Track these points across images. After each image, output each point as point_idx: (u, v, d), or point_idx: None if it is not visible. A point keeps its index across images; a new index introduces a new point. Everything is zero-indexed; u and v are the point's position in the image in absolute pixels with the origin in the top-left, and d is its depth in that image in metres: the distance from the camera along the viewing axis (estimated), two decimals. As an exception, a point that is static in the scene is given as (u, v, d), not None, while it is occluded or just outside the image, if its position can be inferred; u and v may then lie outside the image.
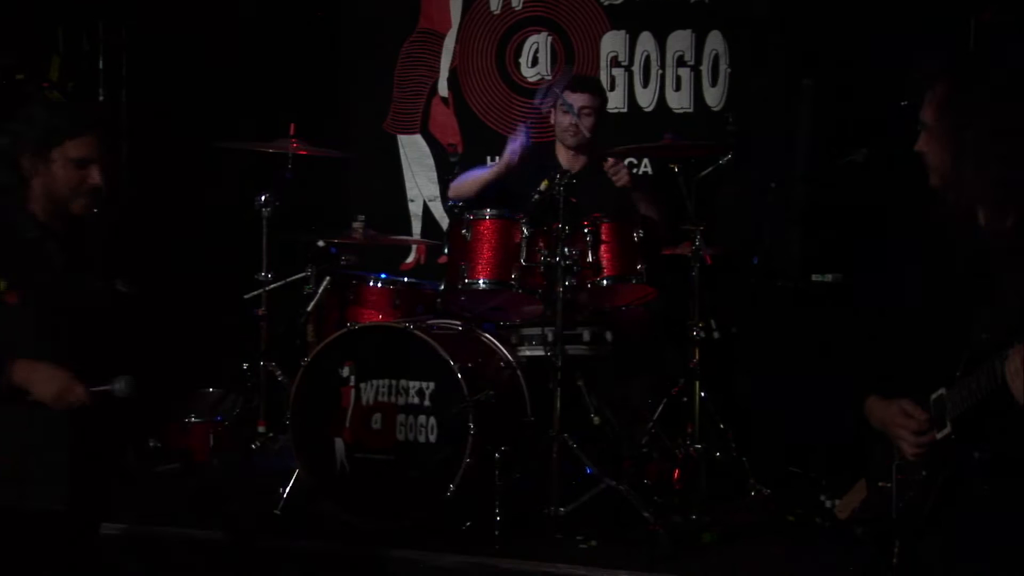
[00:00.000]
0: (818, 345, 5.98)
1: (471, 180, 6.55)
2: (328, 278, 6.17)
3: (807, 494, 5.67)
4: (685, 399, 5.86)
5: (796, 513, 5.55)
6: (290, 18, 7.65)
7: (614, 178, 6.19)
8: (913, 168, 3.38)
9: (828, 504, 5.26)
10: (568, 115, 6.38)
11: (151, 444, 6.54)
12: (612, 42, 7.60)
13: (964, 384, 3.00)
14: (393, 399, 5.37)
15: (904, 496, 3.23)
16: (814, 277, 6.40)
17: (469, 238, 5.71)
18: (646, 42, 7.55)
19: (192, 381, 6.98)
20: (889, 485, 3.29)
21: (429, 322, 5.86)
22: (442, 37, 7.87)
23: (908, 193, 3.48)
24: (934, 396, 3.12)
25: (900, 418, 3.21)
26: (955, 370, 3.04)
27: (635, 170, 7.47)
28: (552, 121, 6.55)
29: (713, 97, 7.46)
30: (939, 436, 3.10)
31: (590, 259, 5.67)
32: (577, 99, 6.39)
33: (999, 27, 5.93)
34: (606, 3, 7.59)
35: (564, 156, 6.49)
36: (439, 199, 7.78)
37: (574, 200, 5.63)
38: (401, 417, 5.36)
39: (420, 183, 7.90)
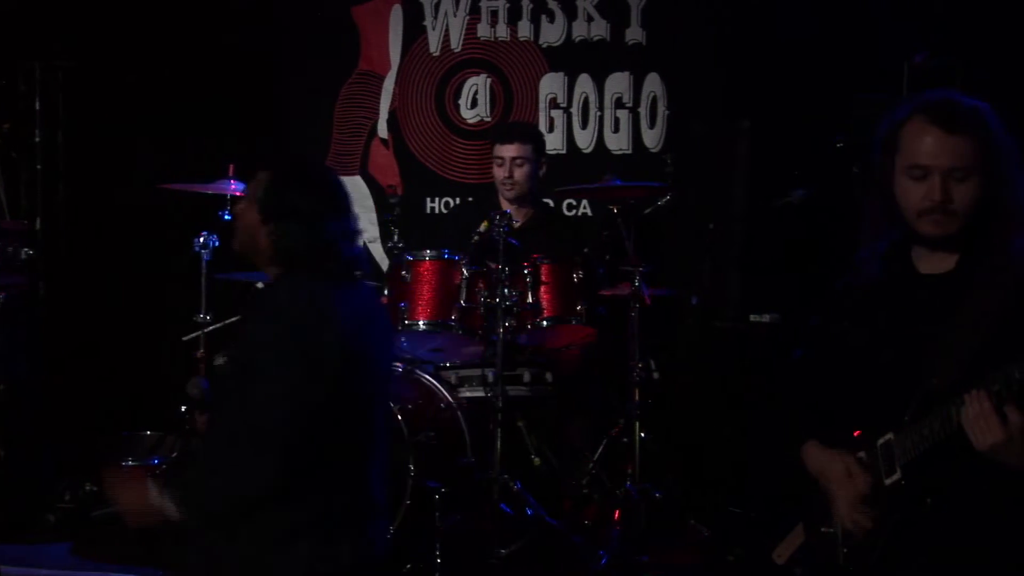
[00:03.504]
0: (756, 385, 6.02)
1: None
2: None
3: (747, 534, 5.69)
4: (625, 439, 5.87)
5: (736, 553, 5.57)
6: (229, 58, 7.62)
7: None
8: (851, 209, 3.40)
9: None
10: (501, 168, 6.36)
11: (87, 488, 6.47)
12: (551, 84, 7.64)
13: (914, 430, 2.98)
14: (333, 441, 5.33)
15: (850, 542, 3.21)
16: (752, 317, 6.44)
17: (409, 279, 5.71)
18: (584, 84, 7.59)
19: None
20: (831, 531, 3.28)
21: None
22: (381, 79, 7.87)
23: (847, 234, 3.49)
24: (881, 441, 3.09)
25: (841, 477, 3.19)
26: (903, 415, 3.03)
27: (575, 212, 7.50)
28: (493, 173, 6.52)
29: (651, 138, 7.51)
30: (888, 482, 3.08)
31: (530, 300, 5.68)
32: (508, 150, 6.36)
33: (931, 71, 6.01)
34: (544, 45, 7.63)
35: (507, 207, 6.41)
36: (379, 241, 7.76)
37: (514, 241, 5.64)
38: (341, 459, 5.33)
39: (360, 224, 7.87)
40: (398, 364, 5.85)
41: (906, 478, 3.03)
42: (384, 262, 7.59)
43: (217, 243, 6.11)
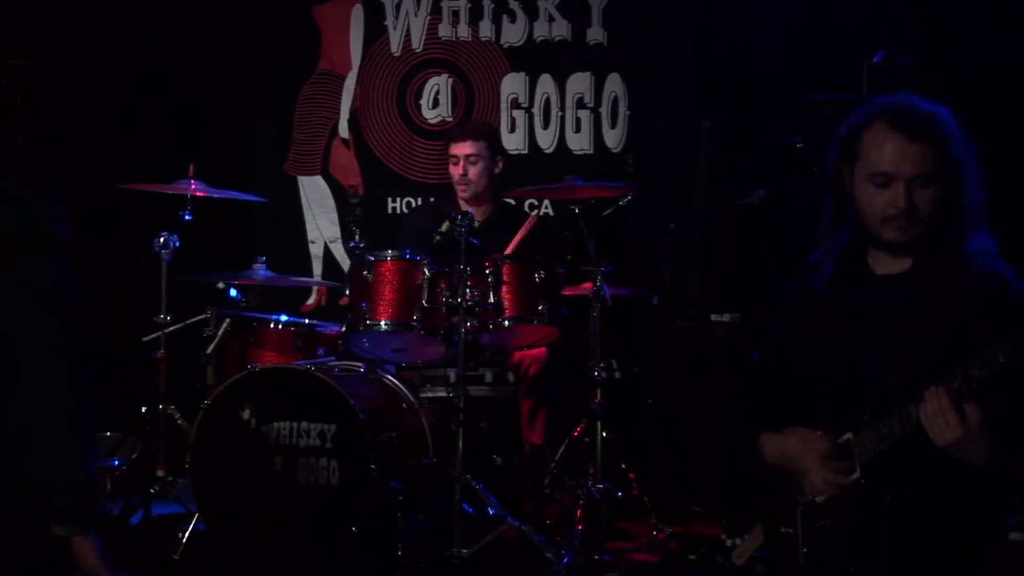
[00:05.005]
0: (717, 384, 6.03)
1: None
2: (228, 320, 6.11)
3: (708, 534, 5.70)
4: (587, 439, 5.87)
5: (698, 552, 5.58)
6: (190, 57, 7.60)
7: None
8: (811, 210, 3.41)
9: (729, 543, 5.29)
10: (456, 167, 6.38)
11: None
12: (512, 84, 7.65)
13: (874, 429, 3.00)
14: (294, 441, 5.32)
15: (810, 542, 3.23)
16: (713, 317, 6.46)
17: (371, 279, 5.69)
18: (546, 84, 7.61)
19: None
20: (791, 531, 3.29)
21: (331, 364, 5.83)
22: (342, 78, 7.86)
23: (807, 235, 3.51)
24: (840, 440, 3.12)
25: (801, 445, 3.21)
26: (862, 414, 3.05)
27: (536, 211, 7.51)
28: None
29: (612, 139, 7.54)
30: (848, 480, 3.10)
31: (492, 300, 5.68)
32: (461, 148, 6.39)
33: (890, 71, 6.04)
34: (506, 45, 7.64)
35: (466, 207, 6.42)
36: (340, 240, 7.75)
37: (475, 241, 5.64)
38: (302, 460, 5.31)
39: (321, 225, 7.87)
40: (359, 364, 5.84)
41: (865, 477, 3.05)
42: (345, 262, 7.58)
43: (177, 243, 6.09)
